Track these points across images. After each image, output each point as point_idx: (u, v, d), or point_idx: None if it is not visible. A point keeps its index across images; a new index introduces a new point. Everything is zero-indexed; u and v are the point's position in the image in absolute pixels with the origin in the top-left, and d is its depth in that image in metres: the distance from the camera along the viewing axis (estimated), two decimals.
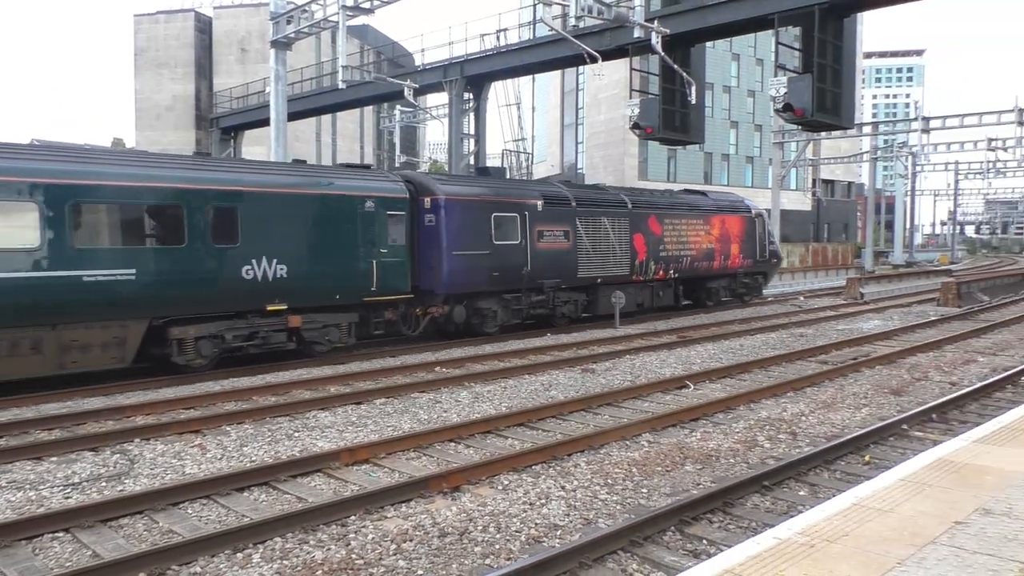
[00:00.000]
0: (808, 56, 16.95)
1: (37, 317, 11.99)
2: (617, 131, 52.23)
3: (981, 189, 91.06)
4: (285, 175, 15.41)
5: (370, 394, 12.06)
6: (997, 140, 45.09)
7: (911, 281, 33.42)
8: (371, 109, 58.08)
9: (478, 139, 27.95)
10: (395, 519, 6.74)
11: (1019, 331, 19.52)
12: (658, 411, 10.81)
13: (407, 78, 27.92)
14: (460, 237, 17.59)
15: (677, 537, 6.32)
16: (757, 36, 54.02)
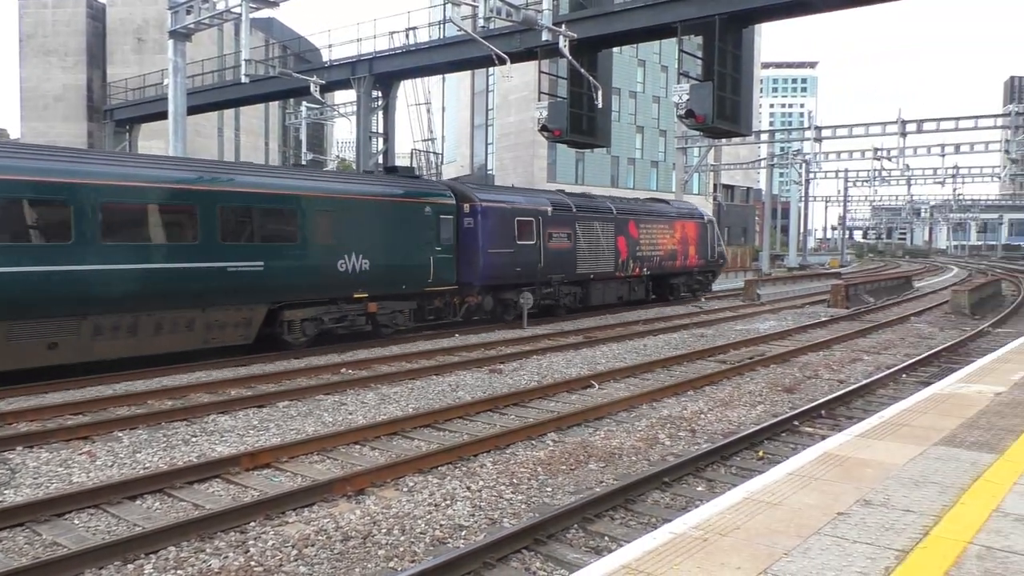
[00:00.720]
0: (709, 65, 17.54)
1: (196, 300, 14.48)
2: (527, 133, 52.64)
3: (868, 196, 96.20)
4: (368, 184, 18.46)
5: (273, 397, 11.78)
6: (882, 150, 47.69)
7: (804, 283, 34.97)
8: (276, 105, 56.68)
9: (387, 138, 27.67)
10: (297, 524, 6.61)
11: (901, 331, 20.71)
12: (564, 411, 10.96)
13: (314, 74, 27.40)
14: (492, 238, 20.54)
15: (580, 534, 6.42)
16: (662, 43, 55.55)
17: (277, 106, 57.69)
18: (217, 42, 48.41)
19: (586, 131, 20.99)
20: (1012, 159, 43.11)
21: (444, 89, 65.79)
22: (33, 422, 10.43)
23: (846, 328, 20.96)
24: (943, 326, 21.86)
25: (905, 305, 28.34)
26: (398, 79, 28.08)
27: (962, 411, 7.94)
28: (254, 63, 27.95)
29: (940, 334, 19.96)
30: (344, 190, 17.32)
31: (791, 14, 19.43)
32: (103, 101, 46.39)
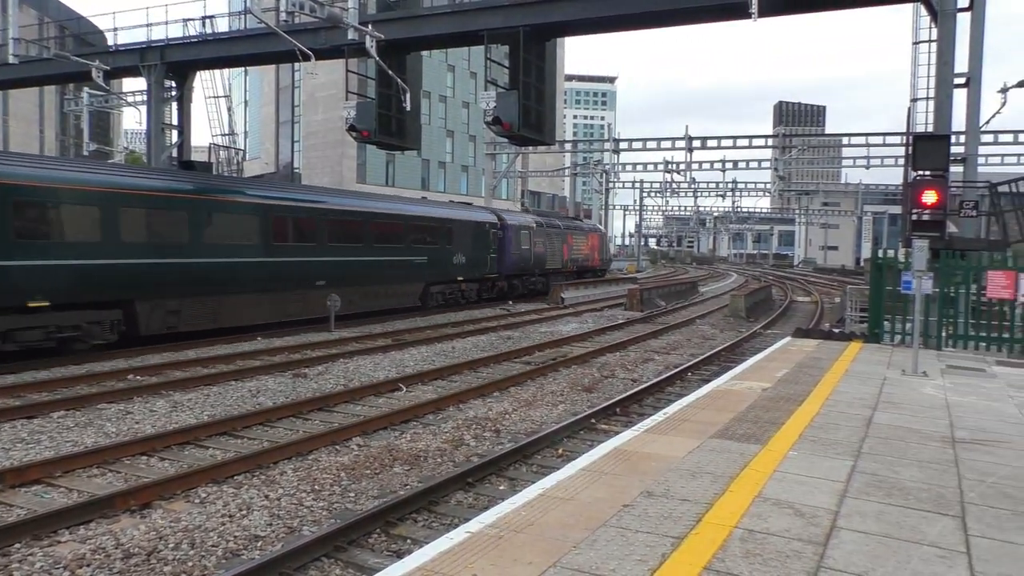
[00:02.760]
0: (515, 74, 18.04)
1: (403, 278, 24.93)
2: (335, 132, 51.51)
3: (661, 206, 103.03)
4: (467, 212, 30.09)
5: (46, 407, 10.72)
6: (672, 163, 51.24)
7: (605, 287, 36.87)
8: (54, 90, 51.64)
9: (182, 131, 26.00)
10: (70, 543, 6.07)
11: (687, 332, 22.38)
12: (369, 414, 10.84)
13: (96, 59, 25.20)
14: (513, 244, 32.18)
15: (383, 539, 6.39)
16: (471, 50, 56.40)
17: (54, 92, 52.58)
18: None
19: (395, 133, 20.87)
20: (780, 176, 47.89)
21: (246, 82, 62.95)
22: None
23: (640, 330, 22.33)
24: (723, 328, 23.87)
25: (691, 308, 30.68)
26: (194, 69, 26.47)
27: (735, 406, 8.72)
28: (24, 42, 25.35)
29: (720, 335, 21.79)
30: (458, 216, 28.59)
31: (591, 31, 20.43)
32: None
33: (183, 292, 17.20)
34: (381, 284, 23.85)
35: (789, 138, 47.05)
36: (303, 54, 19.52)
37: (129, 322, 16.16)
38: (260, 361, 15.35)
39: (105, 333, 15.71)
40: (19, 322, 13.99)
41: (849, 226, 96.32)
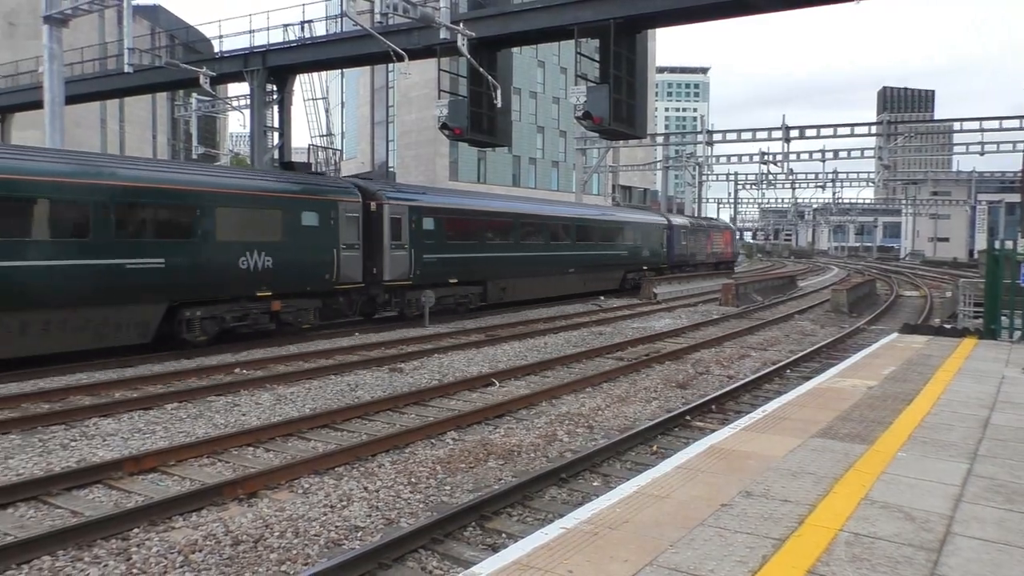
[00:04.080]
0: (605, 68, 17.90)
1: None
2: (428, 131, 52.29)
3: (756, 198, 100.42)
4: (648, 216, 36.96)
5: (161, 399, 11.31)
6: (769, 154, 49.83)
7: (698, 282, 36.23)
8: (165, 96, 54.37)
9: (283, 133, 26.95)
10: (184, 529, 6.38)
11: (786, 328, 21.72)
12: (464, 409, 10.97)
13: (203, 65, 26.39)
14: (676, 241, 39.88)
15: (478, 532, 6.45)
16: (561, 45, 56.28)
17: (165, 98, 55.34)
18: (98, 29, 46.00)
19: (487, 130, 21.05)
20: (884, 165, 45.84)
21: (343, 84, 64.68)
22: None
23: (736, 326, 21.82)
24: (824, 323, 23.06)
25: (790, 303, 29.76)
26: (293, 73, 27.37)
27: (838, 404, 8.40)
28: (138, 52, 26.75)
29: (821, 331, 21.06)
30: (644, 220, 35.45)
31: (683, 20, 20.06)
32: None
33: (511, 275, 26.15)
34: (603, 271, 32.55)
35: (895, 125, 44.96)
36: (397, 55, 19.91)
37: (483, 295, 24.89)
38: (358, 356, 15.75)
39: (475, 300, 24.33)
40: (450, 291, 23.32)
41: (961, 216, 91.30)
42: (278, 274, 17.40)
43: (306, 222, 18.17)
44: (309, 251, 18.24)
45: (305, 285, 18.28)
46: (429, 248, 21.88)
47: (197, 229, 15.88)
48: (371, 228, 20.07)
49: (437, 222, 22.34)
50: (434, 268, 22.07)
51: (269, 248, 17.19)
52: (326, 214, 18.69)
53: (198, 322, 16.12)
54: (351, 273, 19.35)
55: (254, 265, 16.86)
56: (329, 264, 18.72)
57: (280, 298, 17.56)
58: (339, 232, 18.97)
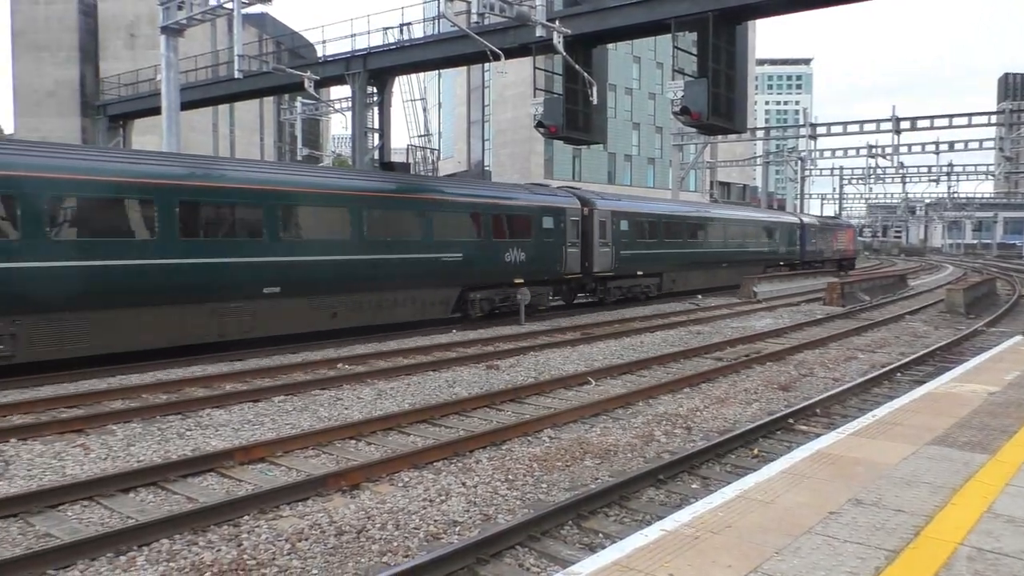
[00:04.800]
0: (703, 61, 17.52)
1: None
2: (523, 129, 52.59)
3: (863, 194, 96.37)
4: (783, 216, 40.26)
5: (268, 391, 11.78)
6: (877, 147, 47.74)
7: (801, 281, 35.08)
8: (271, 100, 56.54)
9: (383, 134, 27.60)
10: (291, 518, 6.61)
11: (896, 329, 20.76)
12: (560, 407, 10.97)
13: (308, 70, 27.29)
14: (807, 238, 42.85)
15: (574, 531, 6.43)
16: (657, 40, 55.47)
17: (272, 102, 57.54)
18: (211, 37, 48.28)
19: (582, 128, 20.95)
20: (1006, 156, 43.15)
21: (440, 85, 65.73)
22: (27, 415, 10.42)
23: (841, 326, 21.00)
24: (938, 325, 21.92)
25: (900, 303, 28.42)
26: (393, 74, 27.99)
27: (956, 410, 7.97)
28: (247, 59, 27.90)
29: (935, 333, 20.02)
30: (780, 219, 37.80)
31: (784, 10, 19.42)
32: (96, 96, 46.23)
33: (680, 268, 29.98)
34: (749, 266, 35.68)
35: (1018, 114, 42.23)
36: (493, 54, 20.06)
37: (659, 285, 28.57)
38: (455, 353, 15.97)
39: (654, 290, 27.85)
40: (637, 281, 27.55)
41: None
42: (528, 266, 22.30)
43: (546, 226, 23.07)
44: (548, 248, 23.12)
45: (544, 275, 23.11)
46: (624, 245, 26.34)
47: (483, 232, 20.86)
48: (584, 229, 24.60)
49: (629, 224, 26.72)
50: (627, 262, 26.60)
51: (523, 246, 22.19)
52: (559, 219, 23.48)
53: (478, 302, 20.97)
54: (573, 266, 24.05)
55: (514, 259, 21.89)
56: (560, 259, 23.53)
57: (527, 285, 22.06)
58: (566, 233, 23.71)
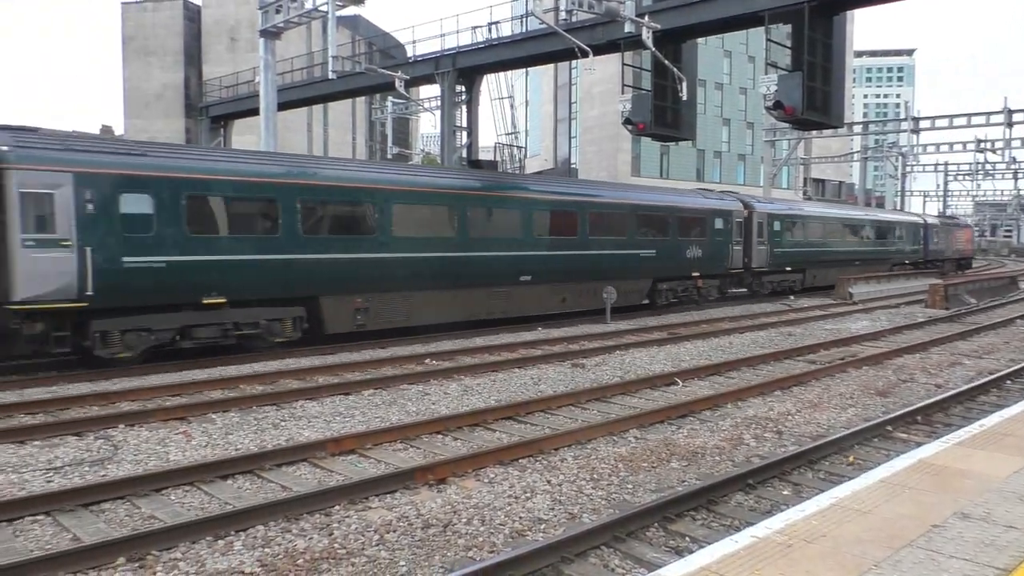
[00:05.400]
0: (798, 54, 16.96)
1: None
2: (610, 126, 52.19)
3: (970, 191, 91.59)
4: (907, 216, 41.77)
5: (359, 385, 12.06)
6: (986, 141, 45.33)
7: (900, 282, 33.60)
8: (363, 100, 57.80)
9: (471, 132, 27.86)
10: (379, 510, 6.75)
11: (1005, 334, 19.66)
12: (646, 407, 10.85)
13: (398, 69, 27.78)
14: (930, 238, 44.72)
15: (660, 534, 6.35)
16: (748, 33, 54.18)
17: (363, 101, 58.83)
18: (306, 40, 49.72)
19: (670, 124, 20.61)
20: None
21: (527, 83, 65.85)
22: (134, 402, 10.99)
23: (945, 330, 20.04)
24: None
25: (1010, 307, 26.89)
26: (481, 73, 28.19)
27: None
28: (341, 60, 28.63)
29: None
30: (904, 219, 39.08)
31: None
32: (199, 98, 48.27)
33: (820, 265, 32.11)
34: (877, 263, 37.07)
35: None
36: (581, 51, 19.96)
37: (803, 280, 31.06)
38: (540, 351, 16.00)
39: (799, 285, 30.20)
40: (785, 276, 30.21)
41: None
42: (702, 262, 25.53)
43: (717, 226, 26.27)
44: (718, 247, 26.32)
45: (714, 269, 26.31)
46: (776, 244, 29.41)
47: (670, 232, 24.31)
48: (745, 229, 27.82)
49: (781, 224, 29.83)
50: (779, 259, 29.62)
51: (700, 245, 25.40)
52: (727, 221, 26.76)
53: (665, 292, 24.46)
54: (737, 261, 27.26)
55: (692, 256, 25.17)
56: (727, 255, 26.81)
57: (700, 278, 25.62)
58: (732, 233, 26.92)
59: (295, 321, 15.55)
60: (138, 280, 13.32)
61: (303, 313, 15.66)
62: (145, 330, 13.64)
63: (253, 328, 14.91)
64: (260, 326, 14.99)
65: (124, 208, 13.21)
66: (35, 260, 12.28)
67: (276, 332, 15.32)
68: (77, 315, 12.89)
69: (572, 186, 24.19)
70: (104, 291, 12.88)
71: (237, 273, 14.56)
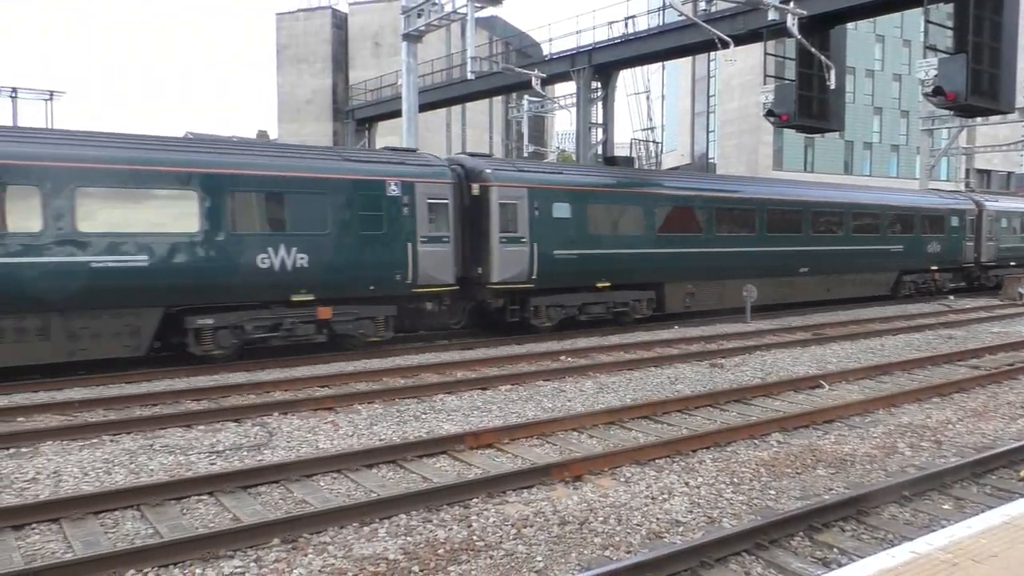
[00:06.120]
0: (962, 35, 15.79)
1: None
2: (751, 119, 50.53)
3: None
4: None
5: (495, 380, 12.25)
6: None
7: None
8: (499, 99, 58.60)
9: (606, 128, 27.71)
10: (516, 504, 6.82)
11: None
12: (789, 411, 10.42)
13: (535, 68, 27.98)
14: None
15: (806, 543, 6.07)
16: (904, 15, 50.88)
17: (500, 101, 59.66)
18: (445, 42, 50.88)
19: (816, 115, 19.70)
20: None
21: (664, 77, 64.73)
22: (287, 391, 11.64)
23: None
24: None
25: None
26: (617, 69, 27.99)
27: None
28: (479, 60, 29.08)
29: None
30: None
31: None
32: (345, 102, 50.51)
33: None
34: None
35: None
36: (722, 42, 19.41)
37: None
38: (677, 350, 15.70)
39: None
40: (1007, 272, 30.15)
41: None
42: (939, 256, 27.82)
43: (952, 224, 28.42)
44: (953, 243, 28.33)
45: (949, 264, 28.51)
46: (1002, 240, 30.97)
47: (914, 229, 26.76)
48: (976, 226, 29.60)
49: (1007, 221, 31.29)
50: (1004, 253, 30.95)
51: (938, 241, 27.82)
52: (961, 219, 28.70)
53: (908, 284, 26.89)
54: (968, 256, 29.21)
55: (932, 251, 27.43)
56: (960, 250, 28.87)
57: (938, 271, 27.91)
58: (965, 230, 28.91)
59: (648, 302, 19.82)
60: (562, 268, 17.80)
61: (653, 296, 19.89)
62: (559, 306, 18.15)
63: (623, 307, 19.32)
64: (628, 305, 19.40)
65: (555, 214, 17.66)
66: (506, 252, 16.82)
67: (637, 310, 19.69)
68: (522, 294, 17.43)
69: (839, 190, 26.44)
70: (542, 276, 17.43)
71: (618, 264, 18.97)
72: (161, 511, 6.66)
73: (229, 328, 13.88)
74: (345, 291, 14.97)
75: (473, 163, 17.32)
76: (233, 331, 13.95)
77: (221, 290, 13.63)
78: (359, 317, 15.29)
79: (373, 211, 15.18)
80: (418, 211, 15.66)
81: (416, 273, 15.61)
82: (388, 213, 15.35)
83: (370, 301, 15.43)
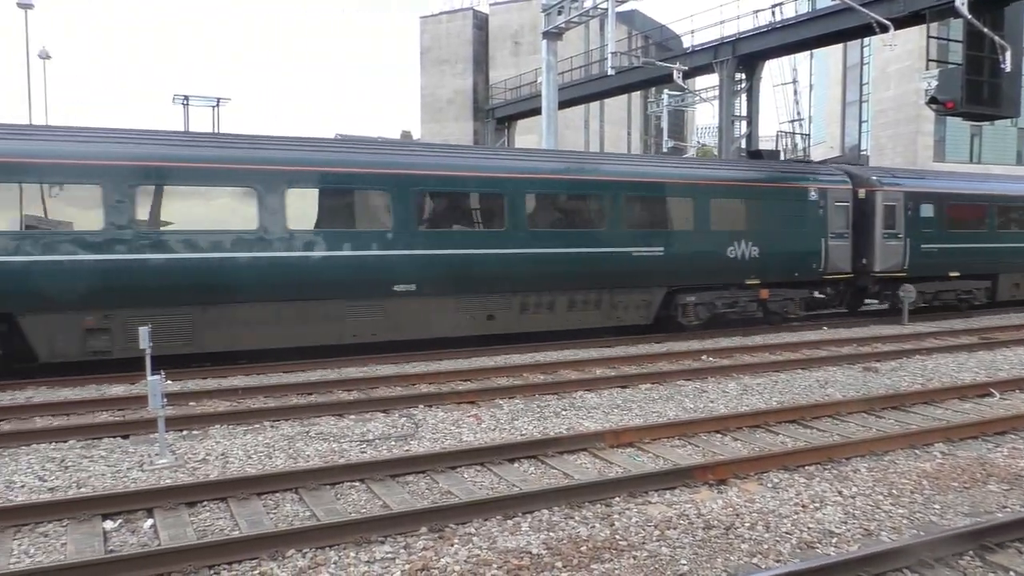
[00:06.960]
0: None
1: None
2: (908, 107, 47.40)
3: None
4: None
5: (635, 379, 12.12)
6: None
7: None
8: (638, 95, 57.84)
9: (750, 121, 26.78)
10: (658, 505, 6.72)
11: None
12: (954, 420, 9.72)
13: (676, 61, 27.42)
14: None
15: (976, 563, 5.63)
16: None
17: (639, 96, 58.89)
18: (584, 38, 50.78)
19: (987, 101, 18.18)
20: None
21: (812, 66, 61.77)
22: (431, 384, 11.99)
23: None
24: None
25: None
26: (762, 59, 26.96)
27: None
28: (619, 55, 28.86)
29: None
30: None
31: None
32: (485, 101, 51.40)
33: None
34: None
35: None
36: (880, 26, 18.33)
37: None
38: (826, 352, 14.99)
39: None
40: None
41: None
42: None
43: None
44: None
45: None
46: None
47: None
48: None
49: None
50: None
51: None
52: None
53: None
54: None
55: None
56: None
57: None
58: None
59: (985, 290, 22.45)
60: (926, 259, 20.76)
61: (989, 285, 22.43)
62: (922, 292, 20.66)
63: (967, 294, 22.02)
64: (971, 293, 22.05)
65: (923, 214, 20.62)
66: (886, 246, 19.95)
67: (979, 299, 22.34)
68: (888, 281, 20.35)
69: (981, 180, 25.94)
70: (912, 266, 20.45)
71: (966, 257, 21.68)
72: (317, 495, 7.01)
73: (704, 304, 17.83)
74: (780, 276, 18.75)
75: (858, 171, 20.90)
76: (707, 306, 17.89)
77: (706, 274, 17.71)
78: (785, 298, 19.06)
79: (801, 213, 18.93)
80: (828, 212, 19.21)
81: (827, 262, 19.22)
82: (810, 214, 19.00)
83: (793, 285, 19.13)
